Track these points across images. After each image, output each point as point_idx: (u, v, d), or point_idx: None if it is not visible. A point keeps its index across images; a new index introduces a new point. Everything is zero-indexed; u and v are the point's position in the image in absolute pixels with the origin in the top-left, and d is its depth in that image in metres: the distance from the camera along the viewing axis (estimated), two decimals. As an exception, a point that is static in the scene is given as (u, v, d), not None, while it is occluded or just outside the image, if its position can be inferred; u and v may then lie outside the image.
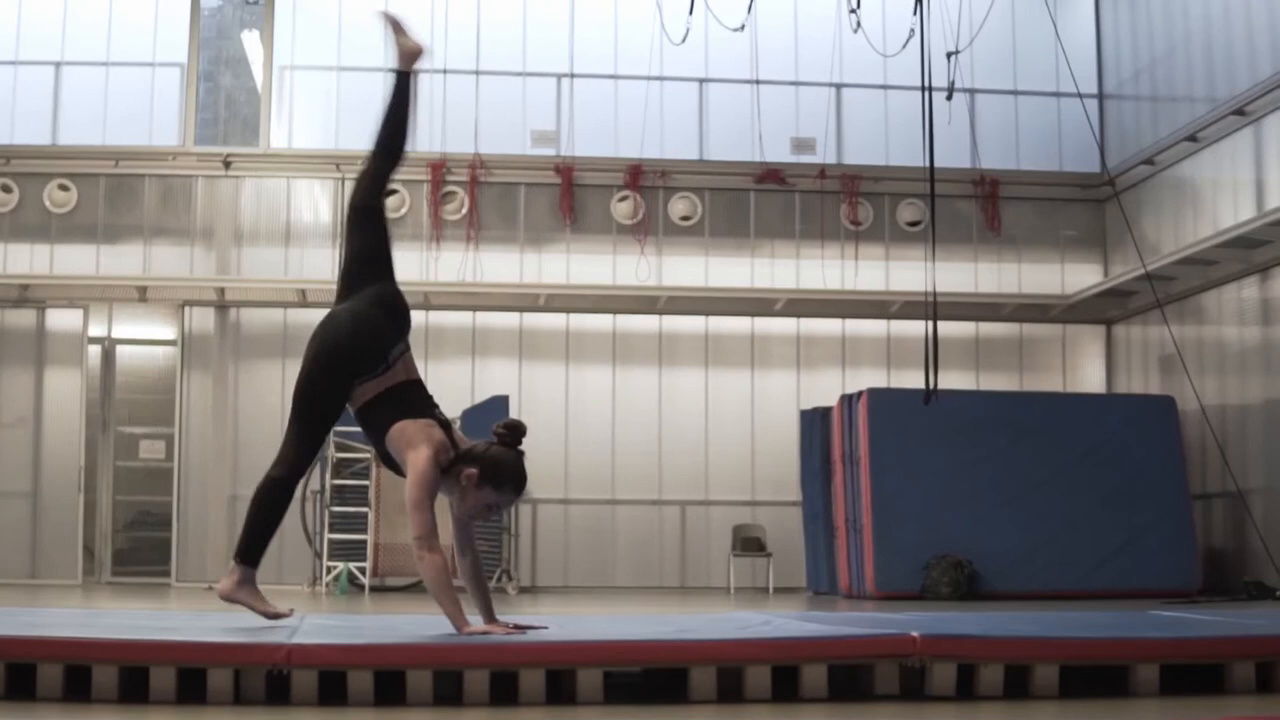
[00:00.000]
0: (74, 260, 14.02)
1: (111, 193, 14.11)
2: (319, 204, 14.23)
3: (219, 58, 14.47)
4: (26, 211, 14.06)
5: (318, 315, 12.66)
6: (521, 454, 4.90)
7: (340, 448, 13.18)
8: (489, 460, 4.86)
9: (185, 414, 13.98)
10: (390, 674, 4.13)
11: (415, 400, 5.01)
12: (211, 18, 14.44)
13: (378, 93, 13.72)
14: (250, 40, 14.43)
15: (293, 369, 12.92)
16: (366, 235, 5.28)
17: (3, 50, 14.16)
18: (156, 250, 14.10)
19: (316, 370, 5.02)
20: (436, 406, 5.02)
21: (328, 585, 13.08)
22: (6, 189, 13.99)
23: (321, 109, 14.38)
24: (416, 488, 4.77)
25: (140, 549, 14.35)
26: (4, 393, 13.99)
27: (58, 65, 14.25)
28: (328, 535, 13.23)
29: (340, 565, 13.14)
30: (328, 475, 13.15)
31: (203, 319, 14.09)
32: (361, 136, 14.06)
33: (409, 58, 5.27)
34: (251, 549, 5.06)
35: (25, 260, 13.93)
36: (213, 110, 14.43)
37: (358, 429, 11.57)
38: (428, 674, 4.11)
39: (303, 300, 13.89)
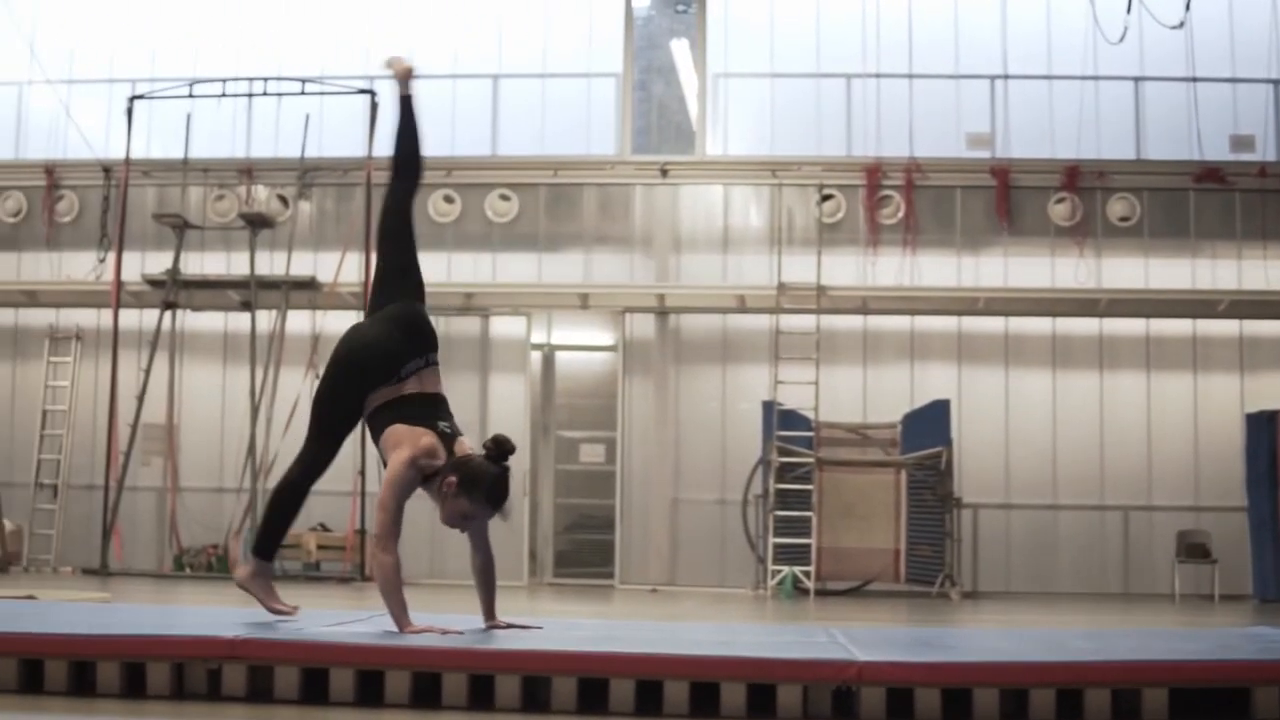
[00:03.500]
0: (516, 268, 17.74)
1: (551, 202, 17.77)
2: (756, 210, 17.60)
3: (650, 66, 18.06)
4: (469, 222, 17.74)
5: (758, 321, 17.02)
6: (505, 470, 6.15)
7: (782, 452, 16.36)
8: (469, 471, 6.11)
9: (627, 418, 17.38)
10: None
11: (418, 410, 6.26)
12: (643, 27, 17.92)
13: (812, 98, 17.52)
14: (680, 48, 17.92)
15: (732, 375, 17.03)
16: (390, 258, 6.64)
17: (442, 64, 17.75)
18: (596, 258, 17.70)
19: (333, 379, 6.44)
20: (445, 419, 6.31)
21: (772, 589, 16.15)
22: (449, 200, 17.67)
23: (755, 115, 17.89)
24: (386, 487, 6.07)
25: (581, 551, 17.98)
26: (451, 398, 17.50)
27: (495, 78, 17.84)
28: (771, 540, 16.34)
29: (785, 569, 16.27)
30: (771, 480, 16.31)
31: (643, 325, 17.64)
32: (797, 142, 17.89)
33: (403, 79, 6.71)
34: (266, 545, 6.58)
35: (469, 269, 17.65)
36: (645, 119, 17.90)
37: (798, 433, 15.51)
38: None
39: (741, 306, 17.34)
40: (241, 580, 6.66)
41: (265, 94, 17.98)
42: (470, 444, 6.31)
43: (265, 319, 17.40)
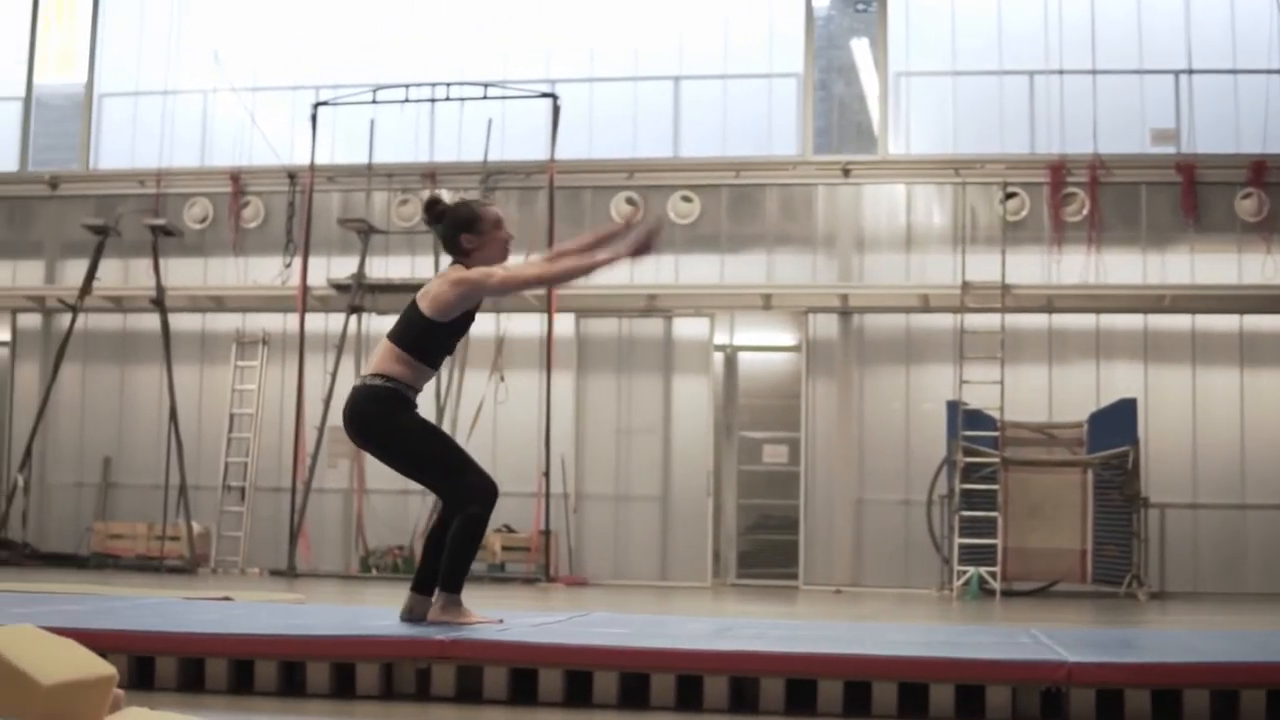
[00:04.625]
0: (698, 270, 19.09)
1: (733, 203, 19.02)
2: (938, 209, 18.79)
3: (830, 66, 19.32)
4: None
5: (941, 320, 18.24)
6: (457, 202, 7.45)
7: (968, 452, 17.45)
8: (451, 225, 7.22)
9: (810, 419, 18.62)
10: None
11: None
12: (823, 27, 19.18)
13: (994, 96, 18.64)
14: (860, 47, 19.12)
15: (916, 374, 18.38)
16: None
17: (624, 67, 19.05)
18: (779, 258, 18.97)
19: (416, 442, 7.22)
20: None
21: (957, 590, 17.24)
22: (631, 202, 18.97)
23: (937, 113, 19.13)
24: (495, 284, 7.07)
25: (763, 552, 19.32)
26: (635, 400, 18.94)
27: (676, 80, 19.14)
28: (956, 540, 17.45)
29: (970, 570, 17.35)
30: (956, 480, 17.43)
31: (826, 325, 18.94)
32: (980, 140, 19.09)
33: None
34: (458, 581, 7.19)
35: (651, 271, 19.11)
36: (827, 118, 19.14)
37: (983, 433, 16.58)
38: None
39: (925, 305, 18.58)
40: (434, 619, 7.14)
41: (448, 99, 19.48)
42: None
43: (451, 322, 18.69)
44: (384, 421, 7.12)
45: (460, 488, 7.15)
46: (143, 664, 6.23)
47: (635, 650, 6.16)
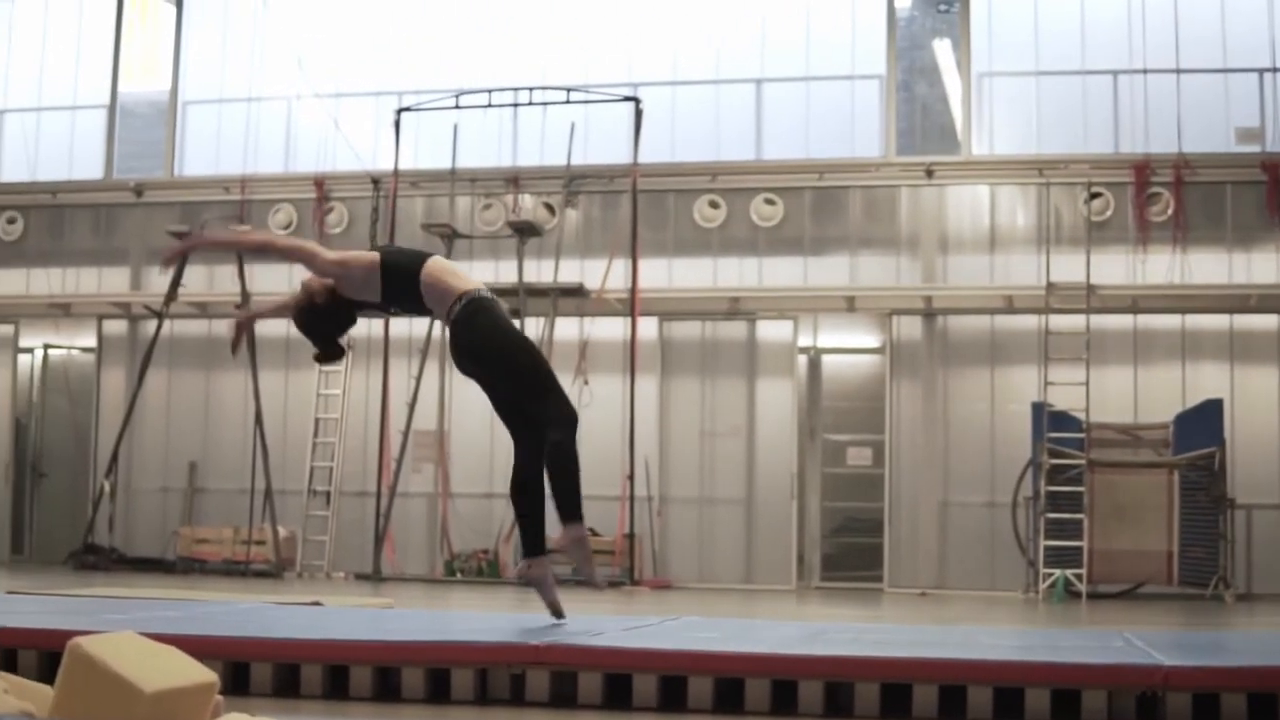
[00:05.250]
0: (781, 272, 19.26)
1: (816, 205, 19.17)
2: (1022, 210, 18.90)
3: (912, 67, 19.41)
4: (734, 226, 19.31)
5: (1026, 321, 18.25)
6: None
7: (1053, 454, 17.54)
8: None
9: (894, 421, 18.76)
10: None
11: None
12: (905, 28, 19.34)
13: (1078, 96, 18.72)
14: (942, 48, 19.25)
15: (1001, 376, 18.44)
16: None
17: (706, 70, 19.30)
18: (862, 260, 19.10)
19: (508, 341, 7.73)
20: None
21: (1043, 593, 17.34)
22: (714, 205, 19.23)
23: (1020, 114, 19.24)
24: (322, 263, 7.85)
25: (848, 554, 19.50)
26: (718, 403, 19.13)
27: (759, 82, 19.34)
28: (1042, 542, 17.54)
29: (1056, 572, 17.46)
30: (1041, 482, 17.54)
31: (910, 327, 19.09)
32: (1063, 140, 19.13)
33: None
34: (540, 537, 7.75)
35: (735, 274, 19.21)
36: (909, 119, 19.29)
37: (1069, 434, 16.59)
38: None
39: (1009, 307, 18.74)
40: (525, 575, 7.74)
41: (530, 103, 19.72)
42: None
43: (534, 326, 18.98)
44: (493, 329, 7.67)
45: (551, 401, 7.55)
46: (238, 669, 6.33)
47: (731, 655, 6.24)
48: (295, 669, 6.34)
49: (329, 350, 8.14)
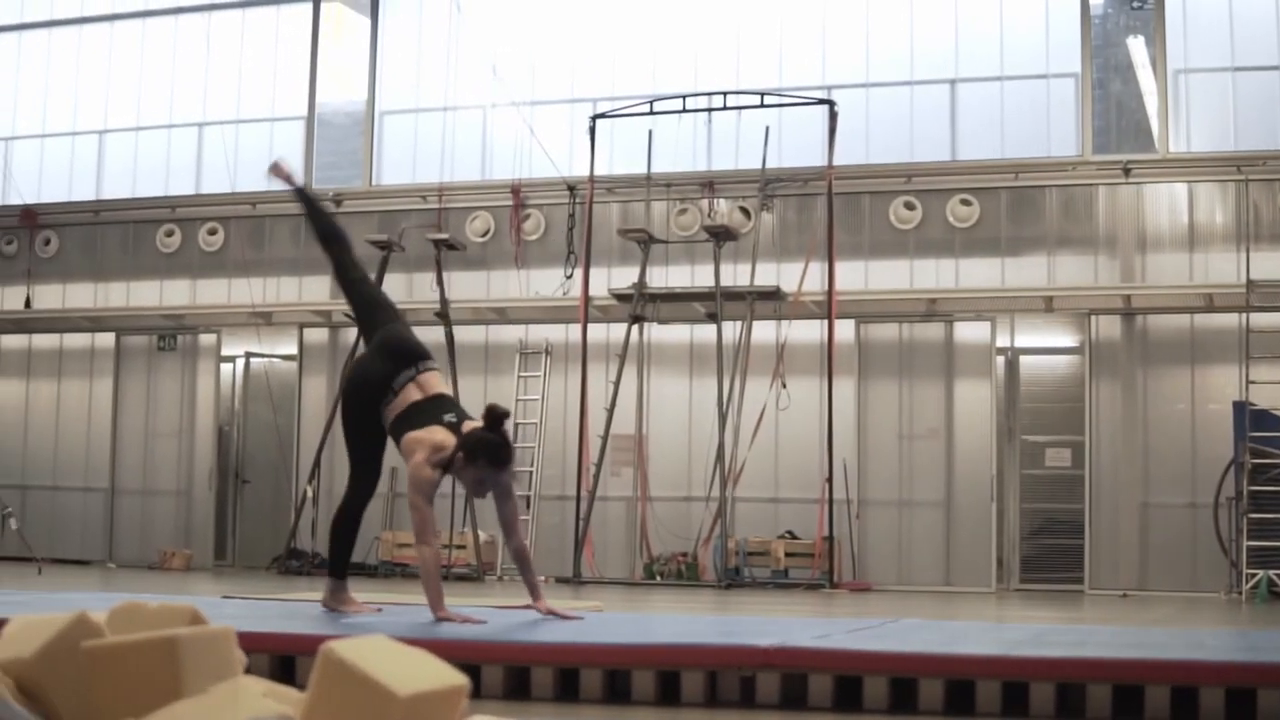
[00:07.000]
0: (978, 273, 19.58)
1: (1012, 205, 19.50)
2: (1220, 207, 19.12)
3: (1107, 64, 19.72)
4: (930, 227, 19.80)
5: (1226, 320, 18.45)
6: (499, 434, 7.84)
7: (1255, 453, 17.72)
8: (469, 443, 7.72)
9: (1094, 422, 19.07)
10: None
11: (424, 413, 7.95)
12: (1099, 25, 19.65)
13: (1276, 92, 18.85)
14: (1137, 45, 19.53)
15: (1201, 375, 18.71)
16: (356, 304, 8.89)
17: (899, 71, 19.81)
18: (1059, 260, 19.39)
19: (344, 413, 8.58)
20: (450, 411, 8.00)
21: (1246, 594, 17.53)
22: (910, 206, 19.69)
23: (1217, 110, 19.44)
24: (411, 492, 7.77)
25: (1047, 556, 19.81)
26: (916, 405, 19.56)
27: (953, 83, 19.80)
28: (1245, 543, 17.75)
29: (1259, 573, 17.63)
30: (1244, 482, 17.72)
31: (1109, 327, 19.39)
32: (1262, 136, 19.31)
33: (284, 178, 9.19)
34: (337, 566, 8.61)
35: (931, 275, 19.60)
36: (1104, 118, 19.60)
37: (1272, 434, 16.83)
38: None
39: (1209, 305, 18.99)
40: (324, 602, 8.53)
41: (724, 108, 20.25)
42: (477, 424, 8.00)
43: (731, 330, 19.54)
44: (343, 387, 9.07)
45: (351, 475, 8.65)
46: (469, 673, 6.56)
47: (963, 657, 6.29)
48: (525, 672, 6.53)
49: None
